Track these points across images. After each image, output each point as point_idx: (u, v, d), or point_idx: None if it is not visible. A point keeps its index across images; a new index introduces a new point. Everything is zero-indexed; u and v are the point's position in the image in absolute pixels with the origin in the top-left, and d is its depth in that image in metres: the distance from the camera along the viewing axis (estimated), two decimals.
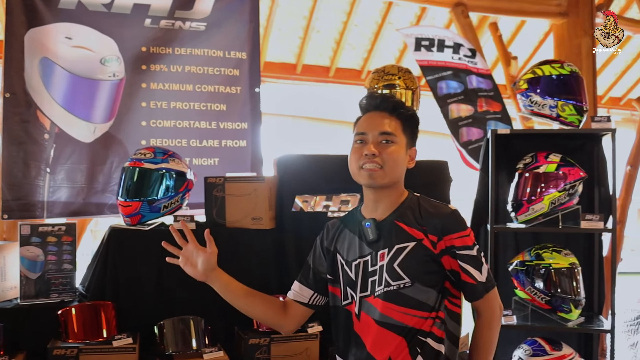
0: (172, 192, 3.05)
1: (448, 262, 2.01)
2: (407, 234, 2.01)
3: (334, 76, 7.02)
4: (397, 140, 2.03)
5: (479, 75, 4.84)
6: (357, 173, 2.05)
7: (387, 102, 2.08)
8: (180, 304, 2.98)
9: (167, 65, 3.93)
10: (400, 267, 1.98)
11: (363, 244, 2.06)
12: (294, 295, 2.26)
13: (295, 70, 6.87)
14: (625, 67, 8.87)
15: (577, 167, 3.28)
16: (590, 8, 5.32)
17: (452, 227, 2.00)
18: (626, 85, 9.30)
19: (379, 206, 2.07)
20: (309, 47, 6.75)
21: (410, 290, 1.98)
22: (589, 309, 3.61)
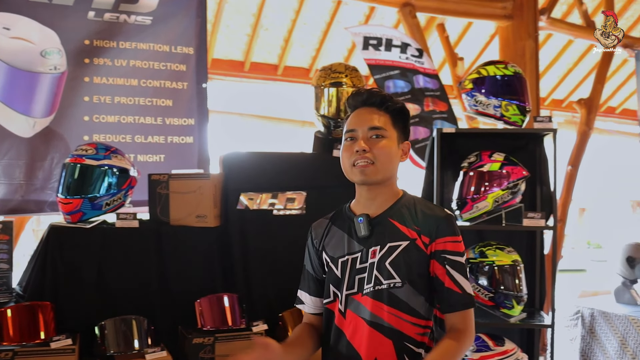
0: (114, 189, 2.98)
1: (433, 266, 1.96)
2: (401, 233, 1.96)
3: (283, 74, 6.98)
4: (387, 135, 1.97)
5: (425, 75, 4.89)
6: (350, 171, 1.97)
7: (374, 96, 2.00)
8: (122, 303, 2.93)
9: (111, 59, 3.85)
10: (392, 265, 1.93)
11: (353, 240, 2.00)
12: (309, 308, 2.13)
13: (243, 68, 6.81)
14: (567, 70, 9.10)
15: (520, 166, 3.34)
16: (534, 12, 5.44)
17: (446, 231, 1.96)
18: (568, 88, 9.54)
19: (373, 203, 2.01)
20: (258, 45, 6.70)
21: (400, 292, 1.93)
22: (531, 305, 3.69)
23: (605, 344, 4.72)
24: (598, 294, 6.01)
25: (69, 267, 2.88)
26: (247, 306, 3.03)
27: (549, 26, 5.83)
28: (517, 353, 3.30)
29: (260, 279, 3.17)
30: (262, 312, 3.07)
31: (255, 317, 2.99)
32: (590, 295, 6.53)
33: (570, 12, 7.44)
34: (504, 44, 5.49)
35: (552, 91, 9.46)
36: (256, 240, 3.16)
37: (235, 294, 3.00)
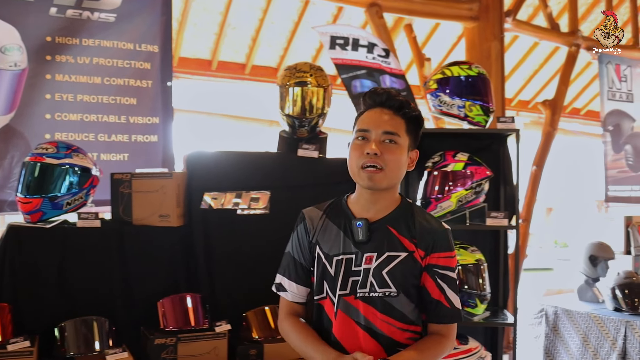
0: (75, 189, 2.94)
1: (425, 278, 1.97)
2: (400, 243, 1.95)
3: (250, 73, 6.95)
4: (400, 141, 1.93)
5: (392, 75, 4.89)
6: (357, 173, 1.93)
7: (393, 100, 1.96)
8: (84, 304, 2.88)
9: (73, 57, 3.80)
10: (389, 275, 1.93)
11: (348, 240, 1.97)
12: (293, 297, 2.06)
13: (210, 67, 6.77)
14: (533, 72, 9.22)
15: (483, 166, 3.36)
16: (500, 14, 5.49)
17: (442, 246, 1.97)
18: (534, 89, 9.68)
19: (373, 207, 1.98)
20: (225, 44, 6.67)
21: (394, 300, 1.93)
22: (495, 304, 3.72)
23: (568, 341, 4.79)
24: (562, 292, 6.10)
25: (28, 268, 2.83)
26: (211, 306, 3.01)
27: (515, 28, 5.90)
28: (481, 351, 3.32)
29: (224, 278, 3.15)
30: (226, 312, 3.05)
31: (219, 317, 2.97)
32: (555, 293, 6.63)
33: (535, 14, 7.55)
34: (470, 45, 5.53)
35: (518, 92, 9.59)
36: (220, 240, 3.14)
37: (199, 294, 2.98)
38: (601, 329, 4.57)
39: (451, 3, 5.37)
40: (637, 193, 7.36)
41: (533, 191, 6.12)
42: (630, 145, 7.37)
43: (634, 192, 7.33)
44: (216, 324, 2.91)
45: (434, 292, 1.96)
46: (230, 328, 2.91)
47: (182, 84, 6.78)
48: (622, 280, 4.67)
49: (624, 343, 4.42)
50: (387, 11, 5.10)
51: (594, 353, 4.60)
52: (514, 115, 9.60)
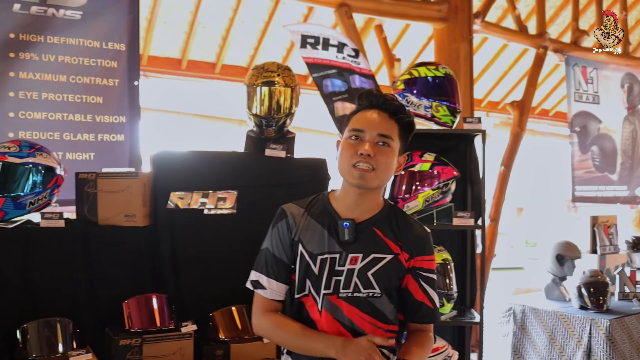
0: (39, 188, 2.89)
1: (407, 280, 2.01)
2: (385, 245, 1.98)
3: (220, 72, 6.93)
4: (392, 145, 1.96)
5: (362, 75, 4.91)
6: (348, 171, 1.94)
7: (389, 104, 1.98)
8: (47, 305, 2.84)
9: (38, 54, 3.74)
10: (374, 276, 1.95)
11: (332, 240, 1.98)
12: (272, 294, 2.02)
13: (180, 66, 6.72)
14: (503, 73, 9.32)
15: (450, 166, 3.39)
16: (469, 15, 5.54)
17: (425, 250, 2.02)
18: (504, 90, 9.78)
19: (358, 208, 1.99)
20: (195, 43, 6.63)
21: (377, 301, 1.96)
22: (462, 303, 3.76)
23: (536, 339, 4.85)
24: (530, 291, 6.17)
25: None
26: (177, 306, 2.99)
27: (483, 30, 5.96)
28: (448, 350, 3.34)
29: (191, 278, 3.12)
30: (193, 312, 3.03)
31: (186, 318, 2.95)
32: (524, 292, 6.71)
33: (504, 16, 7.63)
34: (439, 46, 5.57)
35: (488, 93, 9.68)
36: (186, 240, 3.12)
37: (164, 295, 2.96)
38: (567, 326, 4.64)
39: (420, 4, 5.41)
40: (603, 193, 7.49)
41: (501, 191, 6.19)
42: (596, 146, 7.49)
43: (600, 192, 7.45)
44: (182, 324, 2.89)
45: (417, 294, 2.01)
46: (196, 328, 2.89)
47: (152, 83, 6.73)
48: (587, 279, 4.74)
49: (589, 340, 4.49)
50: (356, 11, 5.11)
51: (560, 351, 4.66)
52: (484, 116, 9.73)
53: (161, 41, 6.54)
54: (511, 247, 15.19)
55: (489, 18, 6.38)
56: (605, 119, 7.62)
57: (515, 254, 14.29)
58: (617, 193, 7.69)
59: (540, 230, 14.45)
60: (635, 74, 8.09)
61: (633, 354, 4.57)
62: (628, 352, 4.51)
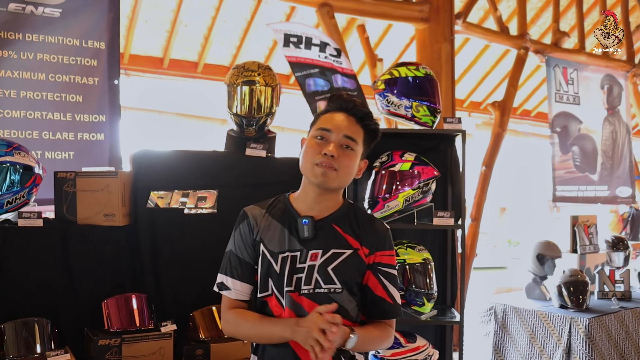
0: (17, 187, 2.86)
1: (368, 276, 2.03)
2: (345, 241, 2.00)
3: (203, 72, 6.91)
4: (356, 149, 2.00)
5: (343, 75, 4.92)
6: (310, 169, 1.97)
7: (358, 109, 2.02)
8: (26, 306, 2.82)
9: (16, 52, 3.71)
10: (334, 271, 1.97)
11: (293, 238, 2.00)
12: (237, 294, 2.05)
13: (162, 64, 6.70)
14: (485, 74, 9.38)
15: (430, 166, 3.40)
16: (450, 16, 5.56)
17: (385, 245, 2.04)
18: (486, 91, 9.84)
19: (318, 206, 2.03)
20: (177, 41, 6.60)
21: (338, 297, 1.98)
22: (443, 302, 3.77)
23: (516, 338, 4.89)
24: (512, 290, 6.21)
25: None
26: (157, 306, 2.98)
27: (465, 30, 5.98)
28: (429, 349, 3.36)
29: (171, 278, 3.11)
30: (173, 312, 3.02)
31: (166, 317, 2.94)
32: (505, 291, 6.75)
33: (486, 17, 7.68)
34: (421, 47, 5.59)
35: (470, 93, 9.74)
36: (166, 239, 3.11)
37: (144, 294, 2.94)
38: (547, 325, 4.68)
39: (402, 4, 5.42)
40: (584, 193, 7.55)
41: (483, 191, 6.22)
42: (577, 147, 7.55)
43: (580, 192, 7.52)
44: (162, 324, 2.88)
45: (377, 289, 2.02)
46: (175, 328, 2.88)
47: (134, 82, 6.69)
48: (567, 278, 4.79)
49: (569, 339, 4.53)
50: (338, 11, 5.12)
51: (541, 349, 4.70)
52: (466, 116, 9.80)
53: (143, 40, 6.51)
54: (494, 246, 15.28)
55: (471, 19, 6.42)
56: (585, 119, 7.68)
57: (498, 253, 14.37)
58: (597, 193, 7.76)
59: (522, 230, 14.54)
60: (615, 75, 8.17)
61: (611, 352, 4.62)
62: (607, 351, 4.56)
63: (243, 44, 6.90)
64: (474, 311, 5.42)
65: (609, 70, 8.09)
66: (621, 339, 4.73)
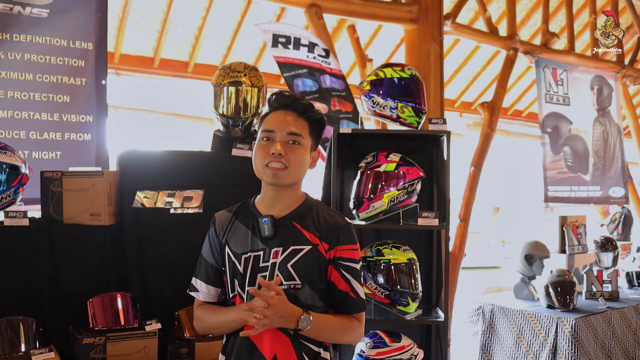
0: (3, 187, 2.87)
1: (331, 272, 2.06)
2: (304, 237, 2.04)
3: (193, 71, 6.92)
4: (303, 142, 2.04)
5: (332, 75, 4.95)
6: (262, 170, 2.03)
7: (297, 103, 2.07)
8: (11, 304, 2.83)
9: (4, 52, 3.72)
10: (294, 268, 2.01)
11: (256, 238, 2.05)
12: (204, 297, 2.16)
13: (152, 64, 6.70)
14: (476, 74, 9.41)
15: (416, 166, 3.42)
16: (439, 17, 5.58)
17: (345, 239, 2.07)
18: (477, 91, 9.87)
19: (278, 204, 2.08)
20: (167, 41, 6.61)
21: (299, 293, 2.01)
22: (428, 302, 3.79)
23: (503, 338, 4.92)
24: (502, 289, 6.24)
25: None
26: (142, 305, 2.99)
27: (454, 31, 6.01)
28: (413, 349, 3.38)
29: (156, 277, 3.13)
30: (158, 310, 3.03)
31: (151, 316, 2.95)
32: (495, 291, 6.79)
33: (477, 18, 7.70)
34: (410, 47, 5.61)
35: (461, 94, 9.77)
36: (152, 238, 3.12)
37: (129, 293, 2.96)
38: (534, 325, 4.71)
39: (391, 5, 5.44)
40: (576, 193, 7.58)
41: (472, 191, 6.24)
42: (568, 147, 7.58)
43: (573, 192, 7.54)
44: (146, 322, 2.89)
45: (340, 284, 2.06)
46: (160, 327, 2.90)
47: (124, 81, 6.70)
48: (555, 278, 4.83)
49: (555, 339, 4.56)
50: (326, 12, 5.13)
51: (527, 349, 4.73)
52: (457, 116, 9.83)
53: (133, 39, 6.52)
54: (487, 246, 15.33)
55: (462, 20, 6.44)
56: (575, 120, 7.72)
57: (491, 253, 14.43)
58: (590, 193, 7.79)
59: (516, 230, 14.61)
60: (605, 76, 8.21)
61: (598, 352, 4.66)
62: (593, 351, 4.60)
63: (233, 44, 6.92)
64: (463, 311, 5.45)
65: (599, 71, 8.13)
66: (607, 338, 4.77)
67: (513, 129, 11.35)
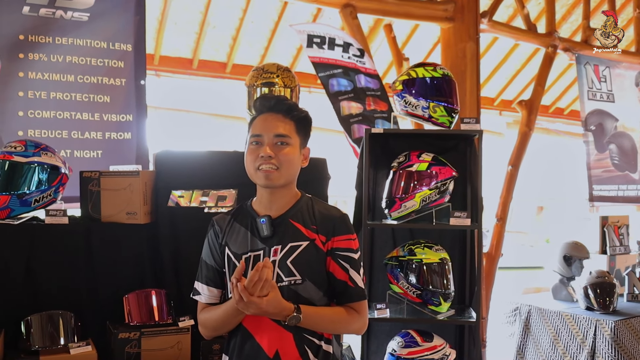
0: (44, 186, 2.96)
1: (329, 263, 2.10)
2: (301, 233, 2.09)
3: (231, 72, 7.00)
4: (291, 142, 2.09)
5: (367, 75, 4.95)
6: (254, 174, 2.09)
7: (281, 104, 2.13)
8: (51, 300, 2.91)
9: (47, 55, 3.83)
10: (293, 264, 2.05)
11: (255, 238, 2.11)
12: (206, 298, 2.22)
13: (191, 65, 6.81)
14: (515, 72, 9.29)
15: (448, 166, 3.42)
16: (475, 15, 5.53)
17: (341, 230, 2.11)
18: (517, 89, 9.75)
19: (274, 204, 2.13)
20: (206, 42, 6.70)
21: (300, 288, 2.05)
22: (462, 302, 3.79)
23: (539, 339, 4.87)
24: (541, 290, 6.17)
25: None
26: (176, 302, 3.05)
27: (491, 29, 5.94)
28: (445, 349, 3.39)
29: (190, 275, 3.14)
30: (191, 308, 3.06)
31: (184, 313, 3.01)
32: (533, 291, 6.71)
33: (515, 15, 7.60)
34: (446, 46, 5.58)
35: (501, 92, 9.66)
36: (186, 237, 3.18)
37: (164, 290, 3.02)
38: (571, 327, 4.65)
39: (426, 4, 5.41)
40: (624, 192, 7.40)
41: (509, 191, 6.17)
42: (614, 145, 7.41)
43: (621, 191, 7.37)
44: (180, 319, 2.96)
45: (338, 274, 2.10)
46: (193, 323, 2.95)
47: (164, 82, 6.83)
48: (594, 279, 4.75)
49: (594, 341, 4.49)
50: (361, 12, 5.13)
51: (564, 351, 4.67)
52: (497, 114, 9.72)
53: (172, 41, 6.63)
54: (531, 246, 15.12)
55: (500, 17, 6.37)
56: (621, 117, 7.53)
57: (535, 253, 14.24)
58: None
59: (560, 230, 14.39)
60: None
61: None
62: (637, 353, 4.50)
63: (271, 45, 6.97)
64: (500, 311, 5.41)
65: None
66: None
67: (555, 127, 11.17)
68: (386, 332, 3.73)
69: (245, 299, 1.89)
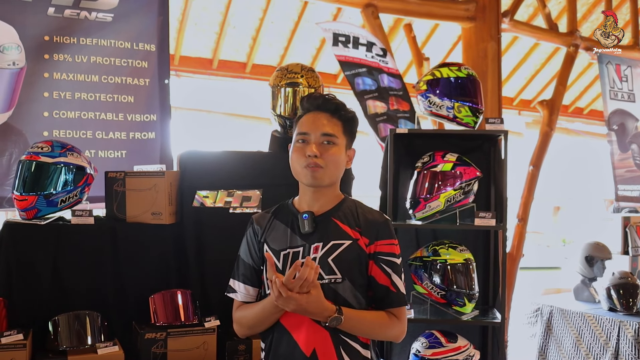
0: (70, 187, 2.98)
1: (371, 267, 2.08)
2: (344, 232, 2.07)
3: (251, 72, 7.02)
4: (338, 142, 2.07)
5: (389, 75, 4.95)
6: (300, 172, 2.08)
7: (329, 103, 2.10)
8: (77, 299, 2.92)
9: (71, 55, 3.86)
10: (335, 262, 2.03)
11: (295, 235, 2.09)
12: (242, 296, 2.19)
13: (211, 65, 6.83)
14: (535, 72, 9.23)
15: (472, 166, 3.39)
16: (497, 14, 5.51)
17: (385, 234, 2.09)
18: (536, 89, 9.69)
19: (317, 203, 2.11)
20: (225, 43, 6.73)
21: (339, 287, 2.03)
22: (485, 303, 3.76)
23: (562, 340, 4.83)
24: (561, 291, 6.13)
25: (23, 263, 2.87)
26: (202, 302, 3.06)
27: (512, 28, 5.91)
28: (470, 349, 3.36)
29: (215, 275, 3.17)
30: (216, 308, 3.09)
31: (210, 314, 3.01)
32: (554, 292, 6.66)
33: (536, 15, 7.56)
34: (467, 46, 5.56)
35: (520, 91, 9.61)
36: (211, 237, 3.18)
37: (189, 290, 3.03)
38: (595, 328, 4.61)
39: (447, 3, 5.40)
40: None
41: (530, 191, 6.14)
42: (636, 145, 7.36)
43: None
44: (206, 319, 2.96)
45: (380, 278, 2.08)
46: (219, 324, 2.95)
47: (184, 82, 6.85)
48: (617, 280, 4.71)
49: (617, 343, 4.45)
50: (382, 11, 5.13)
51: (587, 352, 4.63)
52: (516, 114, 9.66)
53: (192, 42, 6.66)
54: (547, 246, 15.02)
55: (521, 16, 6.33)
56: None
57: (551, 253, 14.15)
58: None
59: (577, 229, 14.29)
60: None
61: None
62: None
63: (290, 45, 6.98)
64: (521, 312, 5.38)
65: None
66: None
67: (574, 127, 11.09)
68: (410, 333, 3.65)
69: (284, 294, 1.89)
